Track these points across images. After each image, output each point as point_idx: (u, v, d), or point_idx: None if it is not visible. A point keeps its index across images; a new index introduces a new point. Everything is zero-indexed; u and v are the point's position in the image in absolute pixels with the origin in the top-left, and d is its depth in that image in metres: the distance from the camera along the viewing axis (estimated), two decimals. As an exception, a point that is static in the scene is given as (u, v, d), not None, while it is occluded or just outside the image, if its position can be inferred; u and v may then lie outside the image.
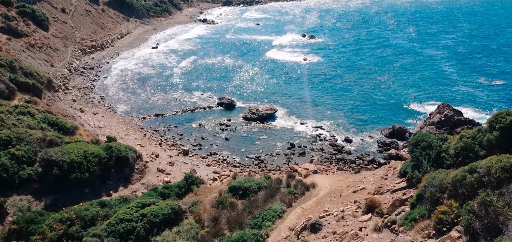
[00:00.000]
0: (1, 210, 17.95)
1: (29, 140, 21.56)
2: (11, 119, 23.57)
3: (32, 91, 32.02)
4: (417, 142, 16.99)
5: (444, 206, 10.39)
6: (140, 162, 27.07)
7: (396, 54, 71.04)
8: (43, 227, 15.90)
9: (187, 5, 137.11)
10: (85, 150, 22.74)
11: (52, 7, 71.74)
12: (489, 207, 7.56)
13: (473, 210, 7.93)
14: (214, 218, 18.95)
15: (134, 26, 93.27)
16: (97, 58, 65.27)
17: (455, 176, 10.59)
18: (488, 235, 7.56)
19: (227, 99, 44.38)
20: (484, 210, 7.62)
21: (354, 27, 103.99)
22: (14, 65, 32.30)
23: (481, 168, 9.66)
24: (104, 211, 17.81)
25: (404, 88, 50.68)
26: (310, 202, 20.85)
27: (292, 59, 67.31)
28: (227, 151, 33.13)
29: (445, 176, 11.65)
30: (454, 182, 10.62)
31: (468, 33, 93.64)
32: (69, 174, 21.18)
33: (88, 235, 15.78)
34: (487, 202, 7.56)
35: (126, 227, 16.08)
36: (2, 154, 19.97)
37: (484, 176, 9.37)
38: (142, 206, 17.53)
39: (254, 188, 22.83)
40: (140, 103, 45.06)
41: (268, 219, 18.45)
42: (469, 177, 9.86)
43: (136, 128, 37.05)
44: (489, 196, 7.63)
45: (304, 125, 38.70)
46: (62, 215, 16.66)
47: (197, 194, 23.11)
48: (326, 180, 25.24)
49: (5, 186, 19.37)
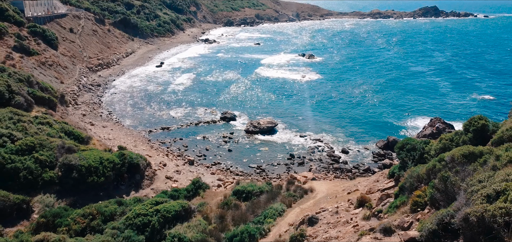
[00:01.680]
0: (27, 207, 19.77)
1: (51, 147, 23.53)
2: (32, 128, 25.59)
3: (47, 104, 34.13)
4: (403, 145, 19.00)
5: (419, 190, 12.34)
6: (149, 169, 28.95)
7: (391, 71, 73.69)
8: (68, 220, 17.73)
9: (189, 25, 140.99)
10: (101, 156, 24.69)
11: (60, 27, 74.74)
12: (446, 181, 9.53)
13: (435, 185, 9.89)
14: (221, 216, 20.77)
15: (138, 46, 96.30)
16: (104, 76, 67.72)
17: (428, 166, 12.58)
18: (446, 204, 9.51)
19: (229, 113, 46.52)
20: (443, 184, 9.59)
21: (350, 47, 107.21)
22: (31, 80, 34.54)
23: (447, 157, 11.65)
24: (121, 208, 19.65)
25: (398, 104, 52.91)
26: (308, 203, 22.67)
27: (291, 76, 69.84)
28: (230, 161, 35.04)
29: (421, 169, 13.63)
30: (427, 171, 12.60)
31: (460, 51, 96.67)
32: (87, 177, 23.07)
33: (109, 228, 17.59)
34: (445, 177, 9.53)
35: (142, 220, 17.90)
36: (27, 158, 21.91)
37: (449, 163, 11.35)
38: (155, 203, 19.39)
39: (256, 192, 24.67)
40: (146, 117, 47.16)
41: (270, 217, 20.25)
42: (438, 165, 11.84)
43: (144, 140, 39.03)
44: (447, 172, 9.61)
45: (303, 138, 40.68)
46: (84, 210, 18.50)
47: (203, 197, 24.91)
48: (323, 185, 27.08)
49: (30, 187, 21.26)
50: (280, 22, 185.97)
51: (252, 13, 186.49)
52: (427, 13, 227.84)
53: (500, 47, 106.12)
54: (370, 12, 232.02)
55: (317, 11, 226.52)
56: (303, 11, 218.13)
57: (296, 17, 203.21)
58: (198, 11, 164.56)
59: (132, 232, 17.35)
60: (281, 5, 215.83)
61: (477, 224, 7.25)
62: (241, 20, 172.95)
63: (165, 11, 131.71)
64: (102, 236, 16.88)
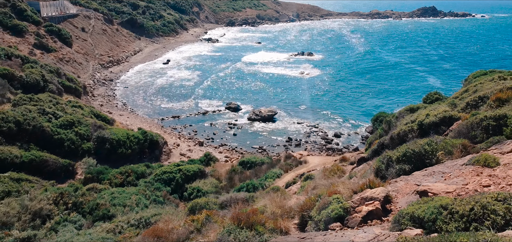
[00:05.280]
0: (72, 169, 24.32)
1: (86, 124, 28.10)
2: (69, 109, 30.16)
3: (74, 93, 38.72)
4: (377, 117, 23.50)
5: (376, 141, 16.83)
6: (166, 147, 33.50)
7: (386, 68, 78.17)
8: (109, 176, 22.27)
9: (192, 25, 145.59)
10: (127, 133, 29.26)
11: (73, 27, 79.37)
12: (389, 123, 14.03)
13: (383, 127, 14.39)
14: (229, 178, 25.29)
15: (145, 44, 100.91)
16: (115, 71, 72.31)
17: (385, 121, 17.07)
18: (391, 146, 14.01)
19: (233, 104, 51.07)
20: (387, 125, 14.09)
21: (349, 46, 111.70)
22: (59, 72, 39.12)
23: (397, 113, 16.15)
24: (149, 170, 24.19)
25: (390, 97, 57.36)
26: (302, 169, 27.15)
27: (291, 73, 74.36)
28: (235, 143, 39.57)
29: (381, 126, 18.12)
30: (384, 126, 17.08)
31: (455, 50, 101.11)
32: (117, 149, 27.62)
33: (142, 182, 22.12)
34: (388, 120, 14.02)
35: (168, 176, 22.44)
36: (69, 132, 26.47)
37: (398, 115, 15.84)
38: (177, 165, 23.92)
39: (259, 162, 29.15)
40: (157, 108, 51.71)
41: (270, 177, 24.74)
42: (392, 119, 16.34)
43: (157, 126, 43.57)
44: (389, 118, 14.10)
45: (301, 125, 45.19)
46: (121, 169, 23.04)
47: (214, 167, 29.41)
48: (316, 159, 31.57)
49: (72, 155, 25.81)
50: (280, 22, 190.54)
51: (253, 13, 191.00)
52: (425, 13, 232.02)
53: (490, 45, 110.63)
54: (369, 13, 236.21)
55: (317, 11, 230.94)
56: (303, 11, 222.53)
57: (297, 18, 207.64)
58: (201, 12, 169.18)
59: (160, 184, 21.88)
60: (282, 6, 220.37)
61: (397, 138, 11.77)
62: (242, 20, 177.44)
63: (169, 12, 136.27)
64: (138, 187, 21.40)
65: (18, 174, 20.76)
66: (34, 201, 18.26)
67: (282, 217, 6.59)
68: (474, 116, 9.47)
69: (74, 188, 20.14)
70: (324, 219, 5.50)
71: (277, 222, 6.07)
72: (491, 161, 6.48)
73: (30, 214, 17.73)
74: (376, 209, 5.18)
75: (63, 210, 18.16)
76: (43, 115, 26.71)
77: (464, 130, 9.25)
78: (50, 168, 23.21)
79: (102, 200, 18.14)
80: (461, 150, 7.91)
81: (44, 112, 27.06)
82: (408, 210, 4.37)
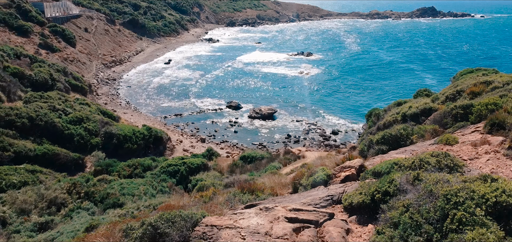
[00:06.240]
0: (82, 163, 25.67)
1: (94, 120, 29.45)
2: (77, 106, 31.51)
3: (80, 91, 40.07)
4: (370, 113, 24.76)
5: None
6: (169, 142, 34.83)
7: (383, 67, 79.53)
8: (118, 168, 23.60)
9: (193, 26, 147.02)
10: (133, 129, 30.61)
11: (76, 27, 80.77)
12: (378, 115, 15.36)
13: (372, 119, 15.73)
14: (231, 171, 26.60)
15: (146, 44, 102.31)
16: (117, 71, 73.67)
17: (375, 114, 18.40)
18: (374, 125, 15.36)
19: (234, 102, 52.41)
20: (376, 117, 15.42)
21: (348, 46, 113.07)
22: (66, 71, 40.48)
23: (386, 106, 17.48)
24: (155, 163, 25.53)
25: (387, 95, 58.68)
26: (300, 163, 28.50)
27: (291, 72, 75.73)
28: (236, 140, 40.91)
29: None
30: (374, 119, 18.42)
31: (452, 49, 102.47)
32: (124, 144, 28.97)
33: (148, 174, 23.45)
34: (377, 113, 15.35)
35: (173, 169, 23.78)
36: (78, 127, 27.82)
37: (387, 108, 17.18)
38: (182, 159, 25.25)
39: (259, 157, 30.48)
40: (160, 106, 53.07)
41: (269, 170, 26.06)
42: (381, 112, 17.67)
43: (161, 124, 44.90)
44: (377, 111, 15.43)
45: (299, 122, 46.53)
46: (128, 162, 24.39)
47: (216, 162, 30.75)
48: (314, 153, 32.89)
49: (81, 149, 27.16)
50: (280, 22, 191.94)
51: (253, 14, 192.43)
52: (425, 14, 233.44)
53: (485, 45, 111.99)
54: (369, 13, 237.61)
55: (317, 11, 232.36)
56: (303, 11, 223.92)
57: (296, 18, 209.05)
58: (201, 12, 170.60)
59: (166, 176, 23.22)
60: (282, 6, 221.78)
61: (383, 127, 13.10)
62: (242, 20, 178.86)
63: (170, 12, 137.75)
64: (145, 178, 22.73)
65: (32, 166, 22.11)
66: (49, 190, 19.64)
67: (278, 187, 7.90)
68: (448, 106, 10.81)
69: (85, 179, 21.48)
70: (311, 183, 6.81)
71: (274, 189, 7.36)
72: (451, 140, 7.82)
73: (46, 202, 19.09)
74: (352, 174, 6.49)
75: (76, 198, 19.50)
76: (53, 112, 28.06)
77: (438, 118, 10.59)
78: (62, 161, 24.55)
79: (112, 190, 19.48)
80: (431, 134, 9.25)
81: (54, 109, 28.41)
82: (371, 169, 5.69)
